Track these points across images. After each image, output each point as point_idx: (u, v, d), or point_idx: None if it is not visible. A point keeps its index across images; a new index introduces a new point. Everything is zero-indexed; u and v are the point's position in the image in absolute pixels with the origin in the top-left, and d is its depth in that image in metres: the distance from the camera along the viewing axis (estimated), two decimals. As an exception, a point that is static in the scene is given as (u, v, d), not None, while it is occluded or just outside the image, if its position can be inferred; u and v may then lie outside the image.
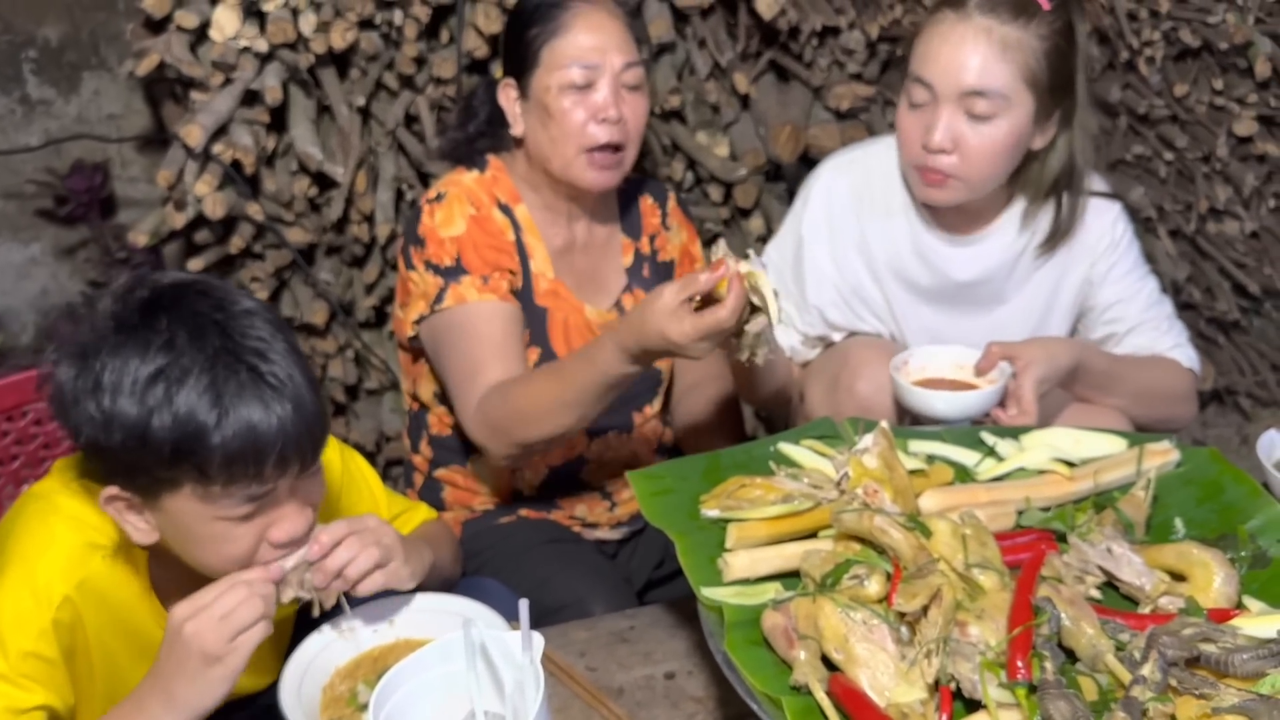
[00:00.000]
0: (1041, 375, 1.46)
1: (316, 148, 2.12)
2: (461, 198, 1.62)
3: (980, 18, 1.50)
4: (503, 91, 1.66)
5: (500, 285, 1.58)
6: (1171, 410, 1.67)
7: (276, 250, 2.22)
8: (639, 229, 1.80)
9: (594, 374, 1.35)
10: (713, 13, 2.24)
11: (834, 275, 1.71)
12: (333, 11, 2.06)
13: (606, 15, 1.60)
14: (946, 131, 1.51)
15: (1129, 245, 1.68)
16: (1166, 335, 1.68)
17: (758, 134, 2.30)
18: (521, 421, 1.44)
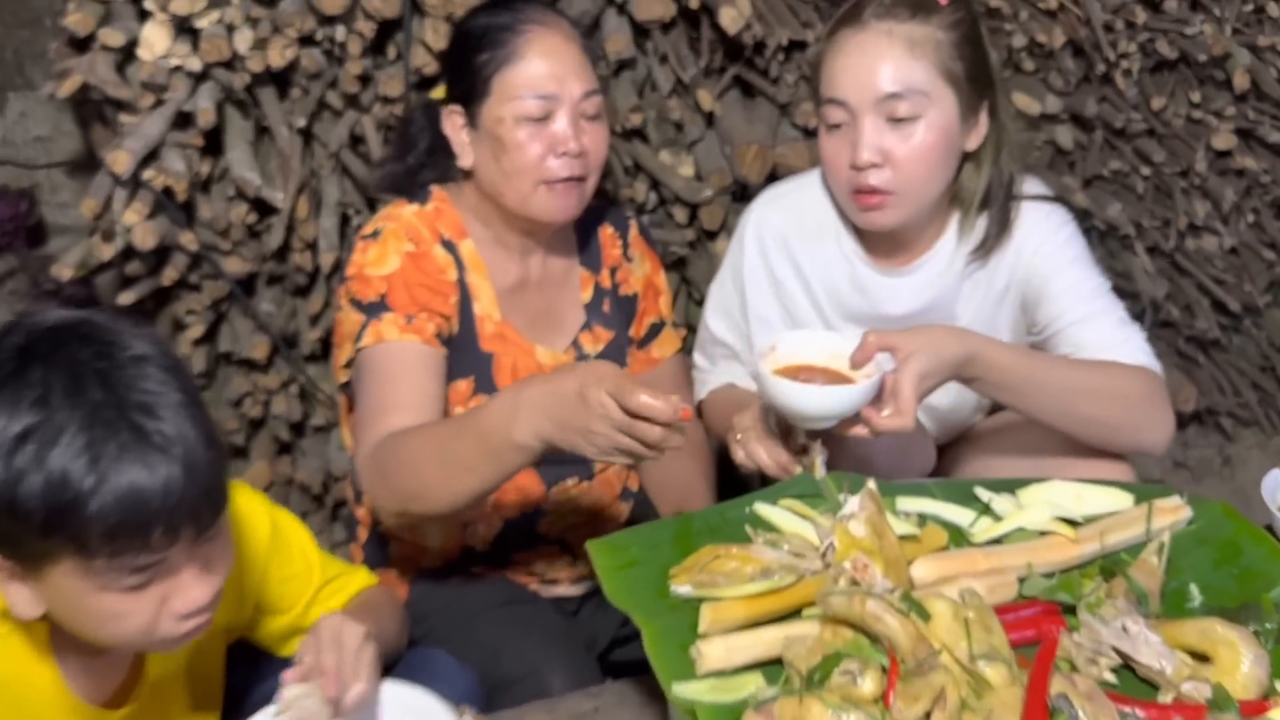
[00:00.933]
0: (923, 369, 1.27)
1: (254, 172, 1.98)
2: (399, 233, 1.50)
3: (878, 23, 1.43)
4: (448, 119, 1.53)
5: (425, 328, 1.45)
6: (1124, 418, 1.40)
7: (214, 281, 2.09)
8: (598, 261, 1.68)
9: (482, 439, 1.22)
10: (674, 27, 2.13)
11: (779, 314, 1.61)
12: (271, 28, 1.93)
13: (562, 40, 1.48)
14: (872, 144, 1.42)
15: (1068, 243, 1.52)
16: (1114, 333, 1.46)
17: (723, 153, 2.20)
18: (411, 476, 1.29)
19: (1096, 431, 1.42)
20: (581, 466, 1.61)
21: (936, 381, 1.30)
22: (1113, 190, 2.48)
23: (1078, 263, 1.51)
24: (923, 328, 1.35)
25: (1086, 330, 1.46)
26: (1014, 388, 1.37)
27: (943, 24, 1.44)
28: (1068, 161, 2.46)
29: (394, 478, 1.30)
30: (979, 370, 1.33)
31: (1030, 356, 1.41)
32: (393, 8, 1.95)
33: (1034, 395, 1.38)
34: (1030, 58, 2.30)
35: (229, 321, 2.15)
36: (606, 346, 1.67)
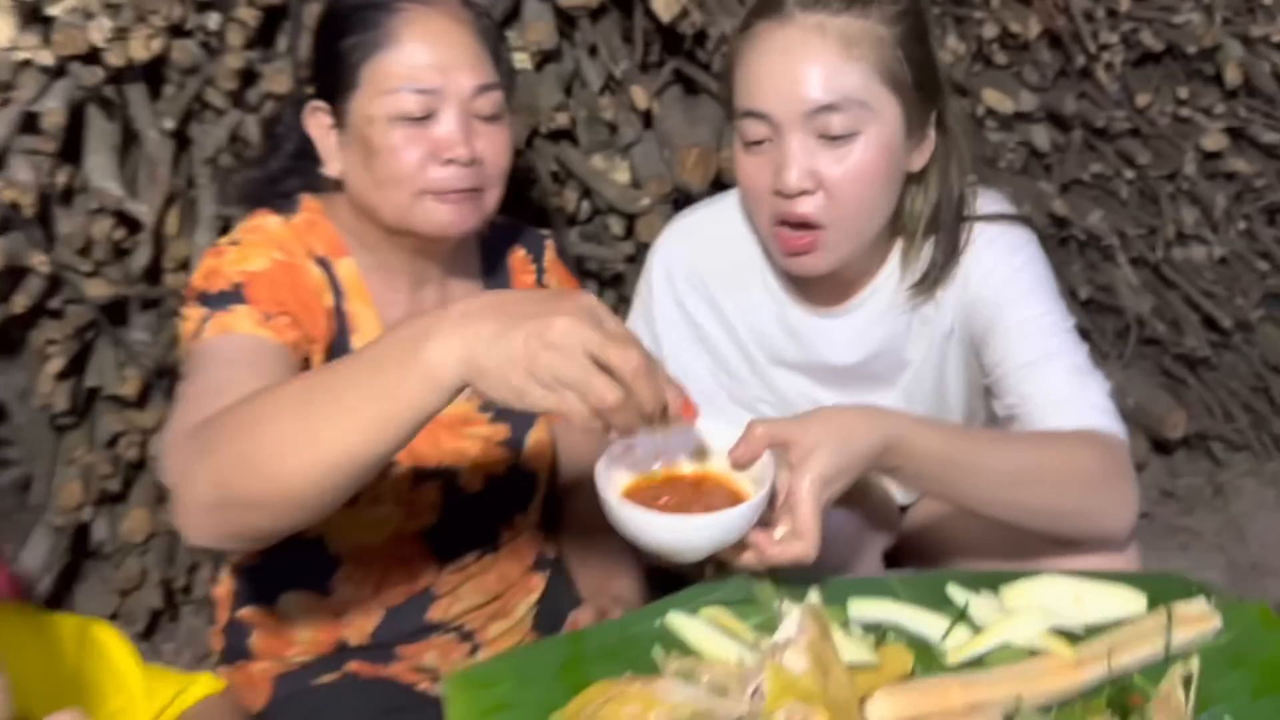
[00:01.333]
0: (825, 471, 0.97)
1: (116, 181, 1.72)
2: (266, 244, 1.23)
3: (806, 15, 1.16)
4: (311, 117, 1.27)
5: (286, 332, 1.16)
6: (1078, 505, 1.12)
7: (78, 306, 1.82)
8: (508, 289, 1.43)
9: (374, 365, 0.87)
10: (604, 15, 1.89)
11: (706, 365, 1.37)
12: (134, 16, 1.66)
13: (449, 21, 1.22)
14: (801, 166, 1.16)
15: (1023, 270, 1.25)
16: (1067, 384, 1.18)
17: (662, 157, 1.95)
18: (250, 432, 0.89)
19: (1045, 523, 1.14)
20: (485, 538, 1.36)
21: (845, 484, 1.01)
22: (1093, 196, 2.26)
23: (1033, 294, 1.24)
24: (825, 412, 1.03)
25: (1035, 378, 1.19)
26: (943, 478, 1.08)
27: (885, 16, 1.17)
28: (1044, 164, 2.24)
29: (223, 441, 0.90)
30: (899, 459, 1.04)
31: (963, 437, 1.11)
32: (277, -9, 1.70)
33: (968, 485, 1.09)
34: (1003, 50, 2.07)
35: (96, 352, 1.88)
36: None
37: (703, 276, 1.35)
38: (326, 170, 1.26)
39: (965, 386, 1.33)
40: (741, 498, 0.99)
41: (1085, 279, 2.34)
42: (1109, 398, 1.19)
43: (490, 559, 1.36)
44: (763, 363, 1.35)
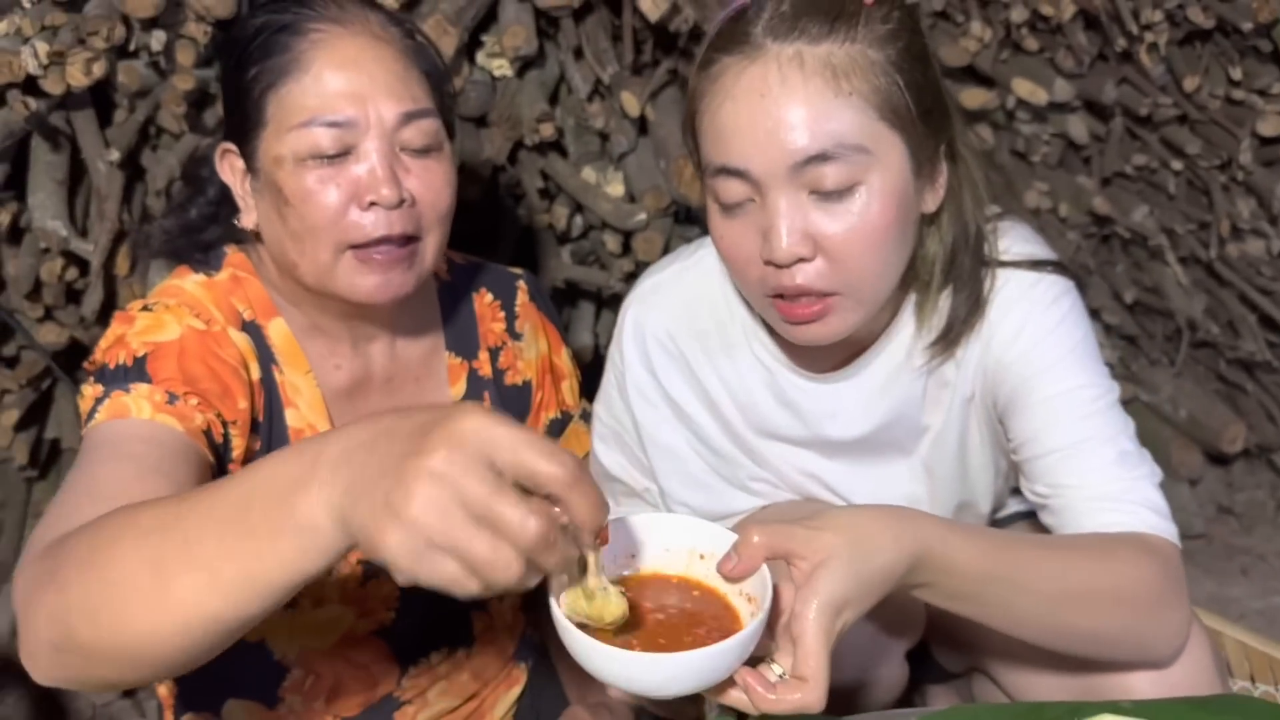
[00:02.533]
0: (838, 594, 0.79)
1: (61, 220, 1.58)
2: (181, 309, 1.07)
3: (778, 45, 0.95)
4: (222, 161, 1.11)
5: (192, 417, 0.98)
6: (1127, 628, 0.95)
7: (33, 352, 1.69)
8: (473, 341, 1.26)
9: (241, 506, 0.69)
10: (590, 14, 1.72)
11: (687, 442, 1.19)
12: (72, 38, 1.52)
13: (369, 41, 1.05)
14: (792, 231, 0.95)
15: (1059, 329, 1.05)
16: (1113, 476, 1.01)
17: (659, 166, 1.79)
18: (96, 570, 0.73)
19: (1086, 648, 0.97)
20: (455, 631, 1.20)
21: (862, 610, 0.82)
22: (1137, 190, 2.06)
23: (1071, 360, 1.05)
24: (838, 517, 0.84)
25: (1074, 467, 1.02)
26: (980, 596, 0.90)
27: (875, 37, 0.96)
28: (1082, 157, 2.05)
29: (69, 576, 0.75)
30: (930, 575, 0.86)
31: (1004, 548, 0.91)
32: (227, 6, 1.55)
33: (1007, 607, 0.91)
34: (1034, 34, 1.88)
35: (55, 401, 1.76)
36: None
37: (678, 342, 1.17)
38: (242, 222, 1.11)
39: (990, 452, 1.15)
40: (732, 610, 0.83)
41: (1130, 280, 2.15)
42: (1160, 491, 1.02)
43: (463, 655, 1.21)
44: (752, 439, 1.17)
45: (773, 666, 0.80)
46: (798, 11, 0.95)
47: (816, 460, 1.16)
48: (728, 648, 0.75)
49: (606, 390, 1.24)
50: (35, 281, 1.61)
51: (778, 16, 0.96)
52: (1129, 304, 2.15)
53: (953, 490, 1.17)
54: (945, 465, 1.15)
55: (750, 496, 1.19)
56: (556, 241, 1.86)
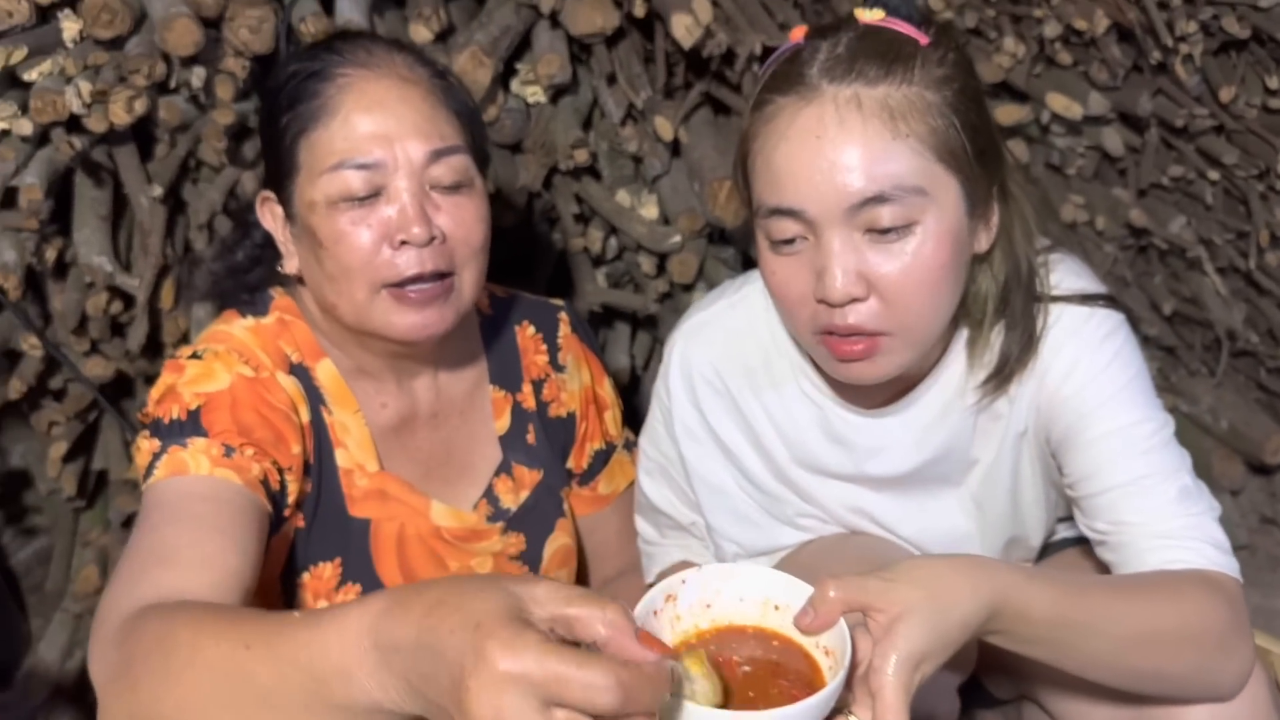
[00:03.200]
0: (917, 647, 0.79)
1: (106, 256, 1.61)
2: (230, 355, 1.08)
3: (835, 88, 0.95)
4: (263, 208, 1.13)
5: (249, 468, 1.01)
6: (1196, 667, 0.95)
7: (80, 385, 1.72)
8: (516, 374, 1.27)
9: (303, 658, 0.71)
10: (622, 39, 1.73)
11: (734, 480, 1.19)
12: (114, 76, 1.54)
13: (395, 83, 1.07)
14: (847, 271, 0.95)
15: (1112, 365, 1.05)
16: (1175, 513, 1.00)
17: (693, 188, 1.79)
18: (158, 667, 0.77)
19: (1154, 687, 0.97)
20: None
21: (940, 661, 0.82)
22: (1174, 201, 2.05)
23: (1125, 397, 1.04)
24: (915, 569, 0.84)
25: (1134, 505, 1.01)
26: (1052, 641, 0.89)
27: (931, 77, 0.96)
28: (1118, 169, 2.04)
29: (140, 676, 0.78)
30: (1006, 624, 0.86)
31: (1077, 594, 0.90)
32: (265, 41, 1.56)
33: (1078, 651, 0.91)
34: (1067, 48, 1.87)
35: (102, 433, 1.78)
36: (534, 493, 1.26)
37: (725, 379, 1.18)
38: (284, 268, 1.13)
39: (1042, 486, 1.15)
40: (811, 660, 0.83)
41: (1168, 291, 2.13)
42: (1220, 526, 1.01)
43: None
44: (799, 475, 1.18)
45: (850, 719, 0.80)
46: (854, 54, 0.96)
47: (864, 495, 1.16)
48: (811, 705, 0.75)
49: (652, 425, 1.24)
50: (81, 316, 1.64)
51: (833, 58, 0.96)
52: (1167, 315, 2.14)
53: (1003, 525, 1.16)
54: (996, 500, 1.15)
55: (797, 532, 1.19)
56: (592, 264, 1.87)
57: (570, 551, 1.28)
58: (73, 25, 1.55)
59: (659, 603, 0.84)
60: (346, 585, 1.14)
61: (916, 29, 0.99)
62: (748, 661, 0.83)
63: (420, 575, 1.16)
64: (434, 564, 1.17)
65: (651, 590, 0.83)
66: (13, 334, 1.62)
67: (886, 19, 0.99)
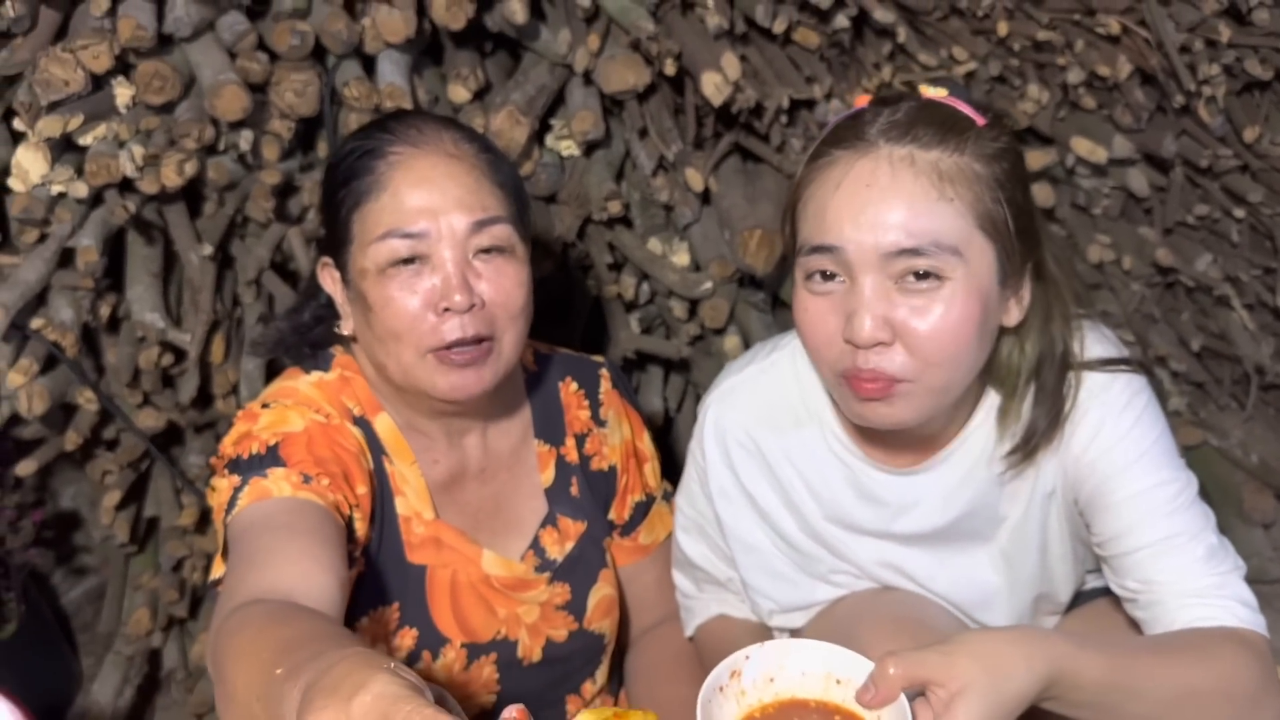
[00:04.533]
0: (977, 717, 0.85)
1: (158, 313, 1.67)
2: (300, 407, 1.15)
3: (891, 146, 1.02)
4: (323, 273, 1.20)
5: (327, 494, 1.07)
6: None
7: (133, 435, 1.78)
8: (560, 428, 1.32)
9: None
10: (653, 94, 1.78)
11: (769, 539, 1.23)
12: (165, 140, 1.60)
13: (441, 159, 1.13)
14: (877, 316, 1.01)
15: (1136, 428, 1.10)
16: (1202, 573, 1.05)
17: (723, 236, 1.84)
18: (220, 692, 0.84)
19: None
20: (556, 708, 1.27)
21: None
22: (1200, 239, 2.07)
23: (1149, 459, 1.09)
24: (973, 644, 0.89)
25: (1164, 564, 1.06)
26: (1100, 704, 0.95)
27: (982, 153, 1.03)
28: (1144, 208, 2.06)
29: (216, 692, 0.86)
30: (1060, 692, 0.92)
31: (1124, 658, 0.96)
32: (309, 104, 1.62)
33: (1121, 712, 0.96)
34: (1090, 93, 1.90)
35: (153, 480, 1.84)
36: (578, 544, 1.30)
37: (758, 440, 1.22)
38: (341, 329, 1.19)
39: (1070, 543, 1.18)
40: None
41: (1196, 327, 2.15)
42: (1245, 584, 1.05)
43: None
44: (831, 532, 1.21)
45: None
46: (913, 120, 1.02)
47: (896, 550, 1.20)
48: None
49: (688, 485, 1.28)
50: (134, 370, 1.70)
51: (893, 123, 1.03)
52: (1196, 351, 2.15)
53: (1032, 581, 1.20)
54: (1025, 556, 1.18)
55: (832, 587, 1.23)
56: (625, 310, 1.91)
57: (613, 601, 1.32)
58: (125, 92, 1.61)
59: (724, 678, 0.88)
60: (404, 629, 1.18)
61: (974, 110, 1.05)
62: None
63: (471, 620, 1.20)
64: (484, 610, 1.21)
65: (718, 667, 0.88)
66: (69, 388, 1.68)
67: (949, 97, 1.06)
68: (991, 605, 1.19)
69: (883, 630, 1.05)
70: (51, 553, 1.96)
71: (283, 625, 0.84)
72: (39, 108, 1.55)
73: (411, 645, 1.18)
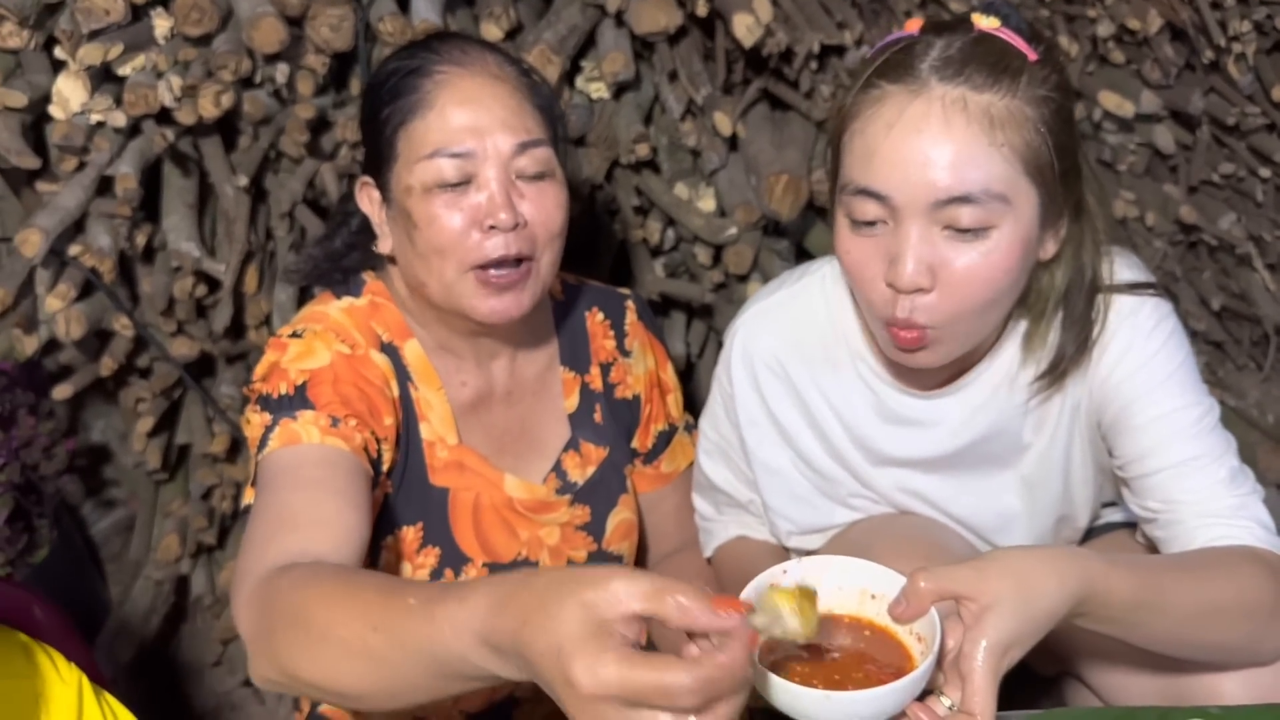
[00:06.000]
0: (1006, 637, 0.86)
1: (193, 242, 1.70)
2: (326, 335, 1.17)
3: (944, 87, 1.00)
4: (361, 193, 1.22)
5: (354, 436, 1.09)
6: (1247, 638, 1.02)
7: (166, 364, 1.81)
8: (585, 357, 1.35)
9: (425, 645, 0.79)
10: (684, 37, 1.79)
11: (790, 461, 1.26)
12: (203, 71, 1.63)
13: (487, 80, 1.15)
14: (920, 262, 1.01)
15: (1161, 353, 1.11)
16: (1222, 494, 1.06)
17: (749, 183, 1.85)
18: (296, 639, 0.87)
19: (1207, 656, 1.04)
20: None
21: (1027, 648, 0.88)
22: (1224, 198, 2.07)
23: (1174, 383, 1.10)
24: (1005, 561, 0.89)
25: (1185, 485, 1.07)
26: (1127, 621, 0.95)
27: (1033, 94, 1.01)
28: (1169, 166, 2.07)
29: (284, 639, 0.88)
30: (1089, 609, 0.92)
31: (1151, 574, 0.96)
32: (344, 39, 1.64)
33: (1149, 627, 0.97)
34: (1120, 47, 1.90)
35: (185, 409, 1.88)
36: (599, 469, 1.33)
37: (785, 364, 1.24)
38: (378, 247, 1.21)
39: (1092, 469, 1.20)
40: (903, 648, 0.90)
41: (1217, 286, 2.16)
42: (1264, 507, 1.07)
43: None
44: (854, 457, 1.24)
45: (941, 699, 0.87)
46: (965, 57, 1.00)
47: (916, 477, 1.22)
48: (903, 686, 0.82)
49: (713, 409, 1.31)
50: (169, 299, 1.73)
51: (945, 59, 1.01)
52: (1216, 310, 2.16)
53: (1053, 505, 1.22)
54: (1049, 481, 1.20)
55: (850, 511, 1.25)
56: (650, 255, 1.93)
57: (632, 525, 1.35)
58: (164, 23, 1.63)
59: (761, 591, 0.90)
60: (427, 548, 1.22)
61: (1027, 44, 1.03)
62: (836, 649, 0.90)
63: (493, 541, 1.24)
64: (506, 532, 1.24)
65: (756, 579, 0.90)
66: (105, 315, 1.71)
67: (1001, 28, 1.04)
68: (1010, 530, 1.22)
69: (898, 551, 1.07)
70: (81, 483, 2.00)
71: (369, 576, 0.90)
72: (80, 36, 1.58)
73: (434, 564, 1.21)
